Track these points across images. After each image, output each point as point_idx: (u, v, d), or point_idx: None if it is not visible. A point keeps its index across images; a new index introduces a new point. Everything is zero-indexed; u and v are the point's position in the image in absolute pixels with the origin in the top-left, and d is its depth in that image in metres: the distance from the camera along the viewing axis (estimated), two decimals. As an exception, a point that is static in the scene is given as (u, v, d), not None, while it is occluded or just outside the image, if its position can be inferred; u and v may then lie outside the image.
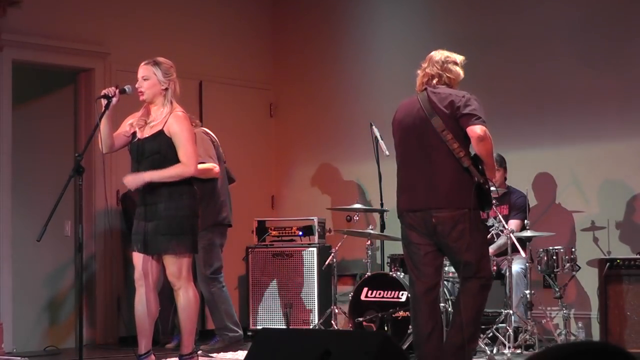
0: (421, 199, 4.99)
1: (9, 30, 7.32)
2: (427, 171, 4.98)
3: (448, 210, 4.92)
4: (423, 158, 5.00)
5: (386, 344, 3.66)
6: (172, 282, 5.52)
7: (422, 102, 5.03)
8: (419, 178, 5.01)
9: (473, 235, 4.93)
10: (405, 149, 5.11)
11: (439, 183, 4.94)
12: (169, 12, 8.46)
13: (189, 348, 5.63)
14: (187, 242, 5.48)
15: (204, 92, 8.61)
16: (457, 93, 5.03)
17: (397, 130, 5.17)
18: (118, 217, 7.93)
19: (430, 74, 5.14)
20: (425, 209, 4.97)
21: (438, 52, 5.25)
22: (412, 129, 5.05)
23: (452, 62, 5.20)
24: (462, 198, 4.92)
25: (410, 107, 5.11)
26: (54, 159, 7.89)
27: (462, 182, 4.93)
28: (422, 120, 4.99)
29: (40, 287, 7.83)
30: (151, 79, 5.50)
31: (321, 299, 7.73)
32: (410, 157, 5.07)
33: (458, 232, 4.93)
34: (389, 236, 7.34)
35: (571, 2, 7.62)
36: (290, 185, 9.07)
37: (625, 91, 7.29)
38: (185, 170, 5.45)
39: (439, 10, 8.35)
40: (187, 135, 5.48)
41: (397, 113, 5.21)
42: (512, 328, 6.36)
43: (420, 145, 5.00)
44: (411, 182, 5.05)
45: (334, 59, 8.89)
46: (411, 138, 5.06)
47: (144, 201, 5.52)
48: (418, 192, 5.00)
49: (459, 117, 4.94)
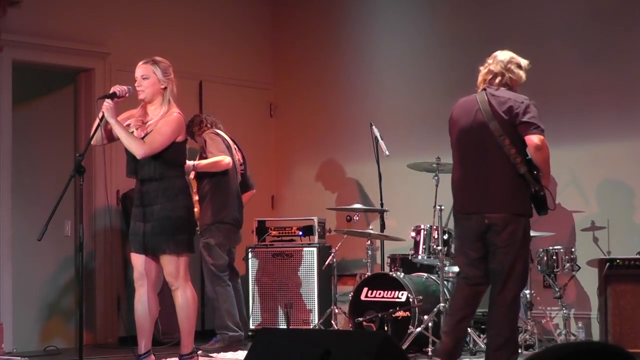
0: (475, 201, 5.07)
1: (9, 30, 7.32)
2: (482, 174, 5.05)
3: (502, 213, 5.00)
4: (479, 161, 5.07)
5: (386, 344, 3.66)
6: (169, 282, 5.53)
7: (481, 104, 5.06)
8: (474, 181, 5.08)
9: (521, 241, 5.03)
10: (460, 149, 5.18)
11: (495, 187, 5.02)
12: (169, 12, 8.46)
13: (189, 348, 5.63)
14: (183, 241, 5.49)
15: (204, 92, 8.61)
16: (516, 98, 5.07)
17: (454, 129, 5.22)
18: (118, 217, 7.94)
19: (493, 72, 5.18)
20: (479, 212, 5.04)
21: (503, 52, 5.28)
22: (468, 130, 5.10)
23: (516, 64, 5.24)
24: (516, 203, 5.02)
25: (467, 107, 5.14)
26: (54, 159, 7.90)
27: (517, 188, 5.02)
28: (480, 123, 5.04)
29: (41, 287, 7.83)
30: (151, 77, 5.50)
31: (321, 299, 7.73)
32: (465, 159, 5.14)
33: (508, 234, 5.01)
34: (389, 236, 7.35)
35: (571, 2, 7.62)
36: (290, 185, 9.07)
37: (625, 91, 7.29)
38: (137, 146, 5.37)
39: (439, 10, 8.35)
40: (167, 129, 5.43)
41: (454, 111, 5.24)
42: (512, 328, 6.36)
43: (477, 147, 5.07)
44: (465, 184, 5.13)
45: (334, 59, 8.89)
46: (467, 139, 5.11)
47: (140, 202, 5.53)
48: (472, 195, 5.08)
49: (518, 124, 5.00)
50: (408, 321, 6.50)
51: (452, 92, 8.10)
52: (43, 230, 5.06)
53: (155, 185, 5.46)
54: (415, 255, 6.75)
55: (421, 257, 6.72)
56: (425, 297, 6.58)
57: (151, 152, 5.40)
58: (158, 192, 5.45)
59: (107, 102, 5.39)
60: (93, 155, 7.38)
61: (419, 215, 7.33)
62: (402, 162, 7.47)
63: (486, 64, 5.23)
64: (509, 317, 5.07)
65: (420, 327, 6.37)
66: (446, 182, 7.46)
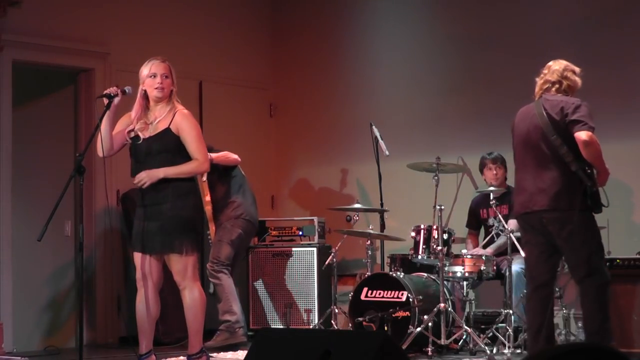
0: (533, 201, 5.29)
1: (9, 30, 7.32)
2: (537, 175, 5.29)
3: (557, 212, 5.21)
4: (534, 163, 5.32)
5: (386, 344, 3.66)
6: (177, 281, 5.52)
7: (536, 109, 5.33)
8: (531, 182, 5.32)
9: (582, 236, 5.21)
10: (519, 153, 5.44)
11: (548, 186, 5.24)
12: (169, 12, 8.46)
13: (197, 347, 5.63)
14: (192, 241, 5.50)
15: (204, 92, 8.61)
16: (568, 100, 5.30)
17: (514, 135, 5.48)
18: (118, 217, 7.94)
19: (550, 81, 5.42)
20: (537, 211, 5.27)
21: (557, 61, 5.50)
22: (525, 134, 5.36)
23: (571, 71, 5.46)
24: (569, 200, 5.20)
25: (526, 114, 5.41)
26: (54, 159, 7.90)
27: (569, 185, 5.21)
28: (535, 127, 5.31)
29: (41, 287, 7.83)
30: (169, 77, 5.55)
31: (321, 299, 7.73)
32: (523, 162, 5.40)
33: (567, 233, 5.20)
34: (389, 236, 7.35)
35: (571, 2, 7.62)
36: (290, 185, 9.07)
37: (625, 91, 7.29)
38: (200, 167, 5.56)
39: (439, 10, 8.35)
40: (197, 132, 5.53)
41: (516, 119, 5.50)
42: (512, 328, 6.37)
43: (533, 150, 5.32)
44: (524, 186, 5.36)
45: (334, 59, 8.89)
46: (525, 143, 5.37)
47: (144, 201, 5.52)
48: (530, 195, 5.31)
49: (568, 123, 5.21)
50: (408, 321, 6.49)
51: (452, 92, 8.16)
52: (43, 231, 5.06)
53: (166, 184, 5.46)
54: (415, 255, 6.75)
55: (421, 257, 6.71)
56: (425, 297, 6.58)
57: (207, 159, 5.57)
58: (168, 191, 5.46)
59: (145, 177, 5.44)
60: (93, 155, 7.37)
61: (419, 215, 7.33)
62: (402, 162, 7.47)
63: (542, 75, 5.47)
64: (595, 307, 5.25)
65: (420, 327, 6.37)
66: (446, 182, 7.50)
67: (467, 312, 6.74)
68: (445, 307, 6.39)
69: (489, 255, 6.89)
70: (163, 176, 5.44)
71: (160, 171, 5.44)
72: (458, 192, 7.81)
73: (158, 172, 5.44)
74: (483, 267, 6.71)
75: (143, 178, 5.46)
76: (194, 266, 5.52)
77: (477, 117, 7.97)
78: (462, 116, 8.05)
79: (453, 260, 6.70)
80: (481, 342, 6.34)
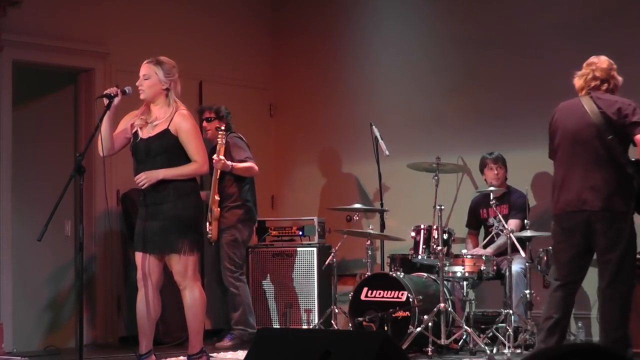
0: (581, 200, 5.21)
1: (9, 30, 7.32)
2: (588, 174, 5.21)
3: (608, 212, 5.16)
4: (584, 161, 5.22)
5: (386, 344, 3.66)
6: (177, 281, 5.53)
7: (587, 107, 5.23)
8: (579, 180, 5.22)
9: (627, 237, 5.21)
10: (565, 150, 5.31)
11: (601, 186, 5.17)
12: (169, 12, 8.46)
13: (197, 347, 5.63)
14: (193, 241, 5.50)
15: (204, 92, 8.61)
16: (623, 100, 5.26)
17: (557, 131, 5.35)
18: (118, 217, 7.93)
19: (599, 78, 5.33)
20: (585, 210, 5.19)
21: (600, 57, 5.43)
22: (574, 131, 5.26)
23: (615, 70, 5.43)
24: (622, 201, 5.17)
25: (572, 110, 5.31)
26: (54, 159, 7.89)
27: (623, 186, 5.19)
28: (588, 124, 5.21)
29: (41, 287, 7.83)
30: (152, 78, 5.50)
31: (321, 299, 7.73)
32: (570, 159, 5.28)
33: (615, 232, 5.17)
34: (389, 236, 7.35)
35: (571, 2, 7.62)
36: (290, 185, 9.07)
37: (625, 91, 7.28)
38: (200, 169, 5.54)
39: (439, 10, 8.35)
40: (196, 133, 5.53)
41: (557, 114, 5.39)
42: (512, 328, 6.37)
43: (583, 148, 5.22)
44: (570, 184, 5.26)
45: (334, 59, 8.89)
46: (574, 140, 5.26)
47: (146, 201, 5.53)
48: (578, 194, 5.22)
49: (627, 125, 5.16)
50: (408, 321, 6.49)
51: (452, 92, 8.15)
52: (43, 231, 5.06)
53: (166, 184, 5.46)
54: (415, 255, 6.75)
55: (421, 257, 6.71)
56: (425, 297, 6.58)
57: (206, 161, 5.55)
58: (169, 191, 5.46)
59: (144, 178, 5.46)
60: (93, 155, 7.38)
61: (419, 215, 7.33)
62: (402, 162, 7.48)
63: (588, 70, 5.36)
64: (622, 312, 5.25)
65: (420, 327, 6.37)
66: (446, 182, 7.51)
67: (467, 312, 6.74)
68: (445, 307, 6.39)
69: (489, 255, 6.89)
70: (162, 177, 5.45)
71: (160, 172, 5.45)
72: (458, 192, 7.82)
73: (158, 173, 5.45)
74: (483, 267, 6.71)
75: (143, 179, 5.47)
76: (195, 266, 5.52)
77: (477, 117, 7.97)
78: (462, 116, 8.05)
79: (453, 260, 6.70)
80: (481, 342, 6.34)
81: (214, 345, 7.17)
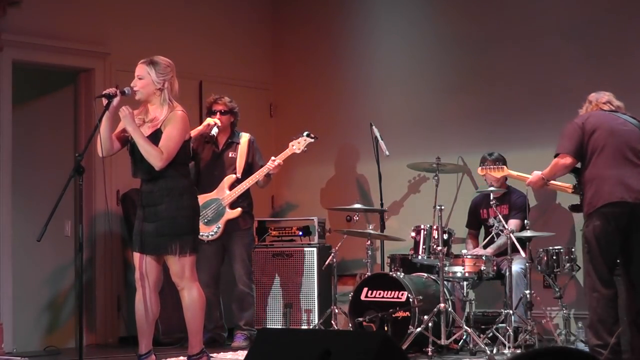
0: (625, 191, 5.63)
1: (9, 30, 7.32)
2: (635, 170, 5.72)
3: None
4: (631, 159, 5.73)
5: (386, 344, 3.66)
6: (175, 282, 5.53)
7: (623, 117, 5.88)
8: (630, 175, 5.69)
9: None
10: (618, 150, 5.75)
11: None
12: (169, 12, 8.46)
13: (197, 348, 5.62)
14: (189, 242, 5.49)
15: (204, 92, 8.60)
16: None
17: (595, 132, 5.77)
18: (118, 218, 7.93)
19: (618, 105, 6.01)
20: (628, 201, 5.62)
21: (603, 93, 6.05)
22: (619, 134, 5.78)
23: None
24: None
25: (608, 117, 5.86)
26: (54, 159, 7.89)
27: None
28: (632, 129, 5.83)
29: (41, 287, 7.83)
30: (145, 78, 5.49)
31: (321, 299, 7.73)
32: (624, 159, 5.74)
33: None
34: (389, 236, 7.35)
35: (572, 2, 7.63)
36: (290, 185, 9.07)
37: (625, 91, 7.28)
38: (157, 158, 5.41)
39: (439, 10, 8.35)
40: (177, 133, 5.45)
41: (590, 119, 5.84)
42: (512, 328, 6.36)
43: (633, 151, 5.75)
44: (630, 180, 5.68)
45: (334, 59, 8.89)
46: (624, 143, 5.77)
47: (144, 202, 5.52)
48: (628, 187, 5.65)
49: None
50: (408, 321, 6.49)
51: (452, 92, 8.15)
52: (43, 231, 5.06)
53: (160, 185, 5.46)
54: (415, 255, 6.75)
55: (421, 257, 6.72)
56: (425, 297, 6.58)
57: (168, 159, 5.43)
58: (163, 192, 5.45)
59: (125, 109, 5.40)
60: (93, 155, 7.37)
61: (419, 215, 7.33)
62: (402, 162, 7.48)
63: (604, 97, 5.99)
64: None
65: (420, 327, 6.37)
66: (446, 182, 7.51)
67: (467, 312, 6.73)
68: (445, 307, 6.39)
69: (489, 255, 6.89)
70: (130, 129, 5.40)
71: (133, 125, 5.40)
72: (458, 192, 7.82)
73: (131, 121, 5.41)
74: (483, 267, 6.71)
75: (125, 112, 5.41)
76: (191, 266, 5.52)
77: (477, 117, 7.97)
78: (462, 116, 8.05)
79: (453, 260, 6.70)
80: (481, 342, 6.33)
81: (230, 346, 7.17)
